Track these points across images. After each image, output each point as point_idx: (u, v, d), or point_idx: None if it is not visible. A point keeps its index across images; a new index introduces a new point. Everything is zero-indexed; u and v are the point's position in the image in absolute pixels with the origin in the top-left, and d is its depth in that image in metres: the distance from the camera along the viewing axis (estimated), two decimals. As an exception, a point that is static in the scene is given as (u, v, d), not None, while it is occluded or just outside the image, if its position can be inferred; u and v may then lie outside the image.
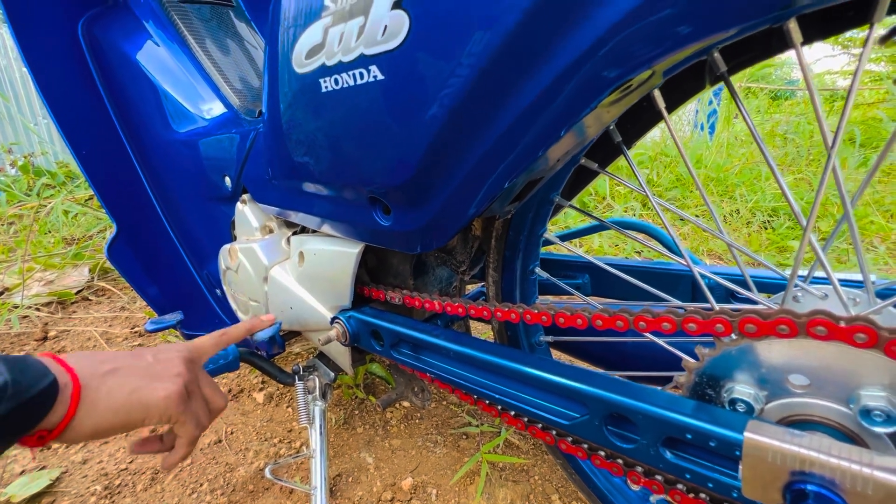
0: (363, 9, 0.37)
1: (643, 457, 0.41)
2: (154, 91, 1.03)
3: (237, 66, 1.05)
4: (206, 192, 1.00)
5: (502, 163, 0.39)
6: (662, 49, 0.31)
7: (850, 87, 0.36)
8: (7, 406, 0.35)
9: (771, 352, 0.37)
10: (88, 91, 1.09)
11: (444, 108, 0.36)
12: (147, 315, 1.43)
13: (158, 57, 1.03)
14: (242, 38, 1.11)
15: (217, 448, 0.90)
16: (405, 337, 0.63)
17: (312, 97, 0.46)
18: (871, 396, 0.33)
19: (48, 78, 1.03)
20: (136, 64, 1.03)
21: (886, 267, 1.65)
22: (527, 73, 0.33)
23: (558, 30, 0.30)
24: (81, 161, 1.04)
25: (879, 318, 0.41)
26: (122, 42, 1.06)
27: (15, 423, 0.36)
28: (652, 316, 0.42)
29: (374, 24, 0.37)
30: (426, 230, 0.49)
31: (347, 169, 0.49)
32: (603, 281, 0.80)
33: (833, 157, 0.39)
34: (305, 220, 0.71)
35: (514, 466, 0.84)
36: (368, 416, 0.98)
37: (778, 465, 0.32)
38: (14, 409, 0.35)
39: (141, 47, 1.04)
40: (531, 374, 0.48)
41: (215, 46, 1.05)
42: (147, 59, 1.03)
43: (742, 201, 2.50)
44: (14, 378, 0.36)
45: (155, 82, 1.02)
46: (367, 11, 0.37)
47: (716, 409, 0.37)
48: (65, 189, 2.68)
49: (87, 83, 1.08)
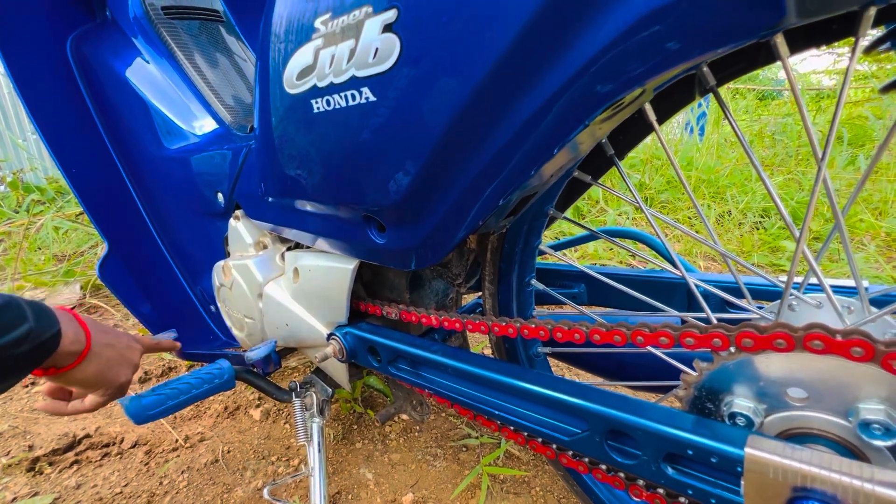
0: (354, 32, 0.37)
1: (644, 472, 0.41)
2: (144, 108, 1.02)
3: (228, 81, 1.05)
4: (198, 209, 0.99)
5: (496, 181, 0.39)
6: (653, 68, 0.31)
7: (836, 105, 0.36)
8: (27, 347, 0.45)
9: (769, 365, 0.37)
10: (77, 109, 1.08)
11: (437, 129, 0.36)
12: (141, 333, 1.41)
13: (148, 74, 1.02)
14: (233, 53, 1.10)
15: (214, 468, 0.88)
16: (403, 353, 0.62)
17: (304, 117, 0.46)
18: (869, 409, 0.33)
19: (36, 96, 1.02)
20: (126, 81, 1.03)
21: (877, 265, 1.67)
22: (519, 95, 0.33)
23: (550, 52, 0.30)
24: (71, 179, 1.04)
25: (874, 326, 0.42)
26: (111, 59, 1.06)
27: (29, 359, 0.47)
28: (649, 330, 0.42)
29: (365, 46, 0.37)
30: (421, 247, 0.49)
31: (341, 188, 0.49)
32: (599, 290, 0.80)
33: (822, 169, 0.39)
34: (299, 236, 0.71)
35: (515, 478, 0.84)
36: (367, 431, 0.97)
37: (780, 481, 0.32)
38: (31, 349, 0.46)
39: (130, 64, 1.04)
40: (531, 391, 0.48)
41: (205, 62, 1.04)
42: (137, 76, 1.03)
43: (734, 202, 2.52)
44: (36, 324, 0.46)
45: (145, 99, 1.01)
46: (358, 34, 0.37)
47: (716, 424, 0.37)
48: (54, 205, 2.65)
49: (76, 101, 1.08)
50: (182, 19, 1.06)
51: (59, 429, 1.00)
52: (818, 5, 0.28)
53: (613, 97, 0.33)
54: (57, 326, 0.49)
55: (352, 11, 0.36)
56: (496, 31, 0.31)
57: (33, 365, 0.48)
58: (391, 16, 0.34)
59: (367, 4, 0.35)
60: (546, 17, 0.29)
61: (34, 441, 0.96)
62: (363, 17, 0.36)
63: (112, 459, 0.91)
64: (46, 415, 1.06)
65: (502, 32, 0.31)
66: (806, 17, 0.29)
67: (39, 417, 1.05)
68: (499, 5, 0.30)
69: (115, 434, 0.98)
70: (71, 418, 1.05)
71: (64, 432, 0.97)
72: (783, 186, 2.73)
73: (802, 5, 0.28)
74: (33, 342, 0.46)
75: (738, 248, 2.22)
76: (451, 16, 0.32)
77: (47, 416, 1.06)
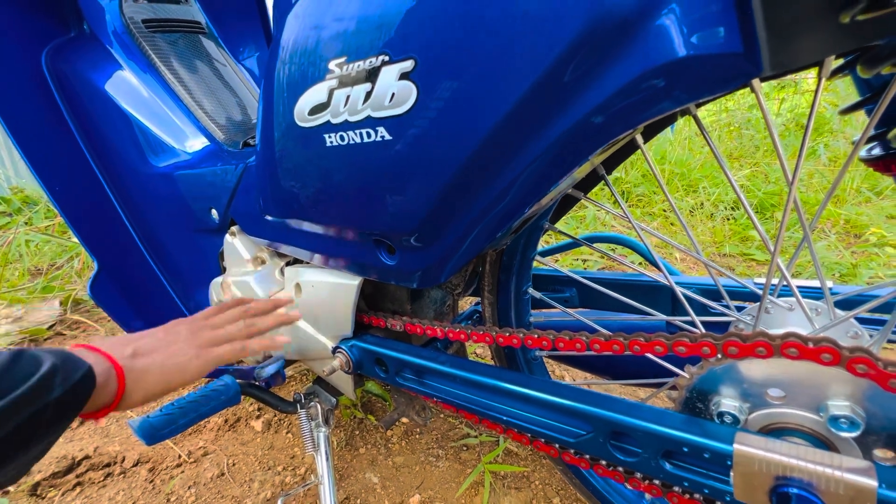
0: (369, 77, 0.39)
1: (644, 468, 0.45)
2: (128, 124, 1.01)
3: (214, 95, 1.04)
4: (190, 225, 0.99)
5: (504, 211, 0.43)
6: (650, 113, 0.35)
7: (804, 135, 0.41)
8: (60, 390, 0.42)
9: (751, 369, 0.42)
10: (56, 125, 1.05)
11: (452, 167, 0.39)
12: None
13: (131, 88, 1.01)
14: (217, 66, 1.10)
15: (221, 481, 0.90)
16: (409, 364, 0.65)
17: (317, 150, 0.48)
18: (836, 406, 0.38)
19: (13, 112, 1.00)
20: (107, 96, 1.01)
21: (837, 253, 1.78)
22: (529, 139, 0.36)
23: (558, 101, 0.34)
24: (55, 198, 1.02)
25: (840, 328, 0.47)
26: (90, 74, 1.03)
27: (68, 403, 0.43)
28: (645, 340, 0.46)
29: (382, 90, 0.39)
30: (430, 268, 0.52)
31: (354, 215, 0.51)
32: (589, 293, 0.84)
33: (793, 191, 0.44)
34: (299, 253, 0.73)
35: (516, 474, 0.88)
36: (369, 436, 1.00)
37: (764, 472, 0.37)
38: (66, 392, 0.42)
39: (111, 79, 1.02)
40: (537, 397, 0.51)
41: (190, 76, 1.03)
42: (119, 91, 1.01)
43: (706, 194, 2.63)
44: (61, 366, 0.43)
45: (129, 115, 1.00)
46: (374, 79, 0.39)
47: (707, 423, 0.42)
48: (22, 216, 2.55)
49: (55, 117, 1.05)
50: (164, 32, 1.05)
51: (55, 451, 0.99)
52: (790, 61, 0.32)
53: (614, 136, 0.37)
54: (86, 365, 0.46)
55: (368, 58, 0.39)
56: (510, 84, 0.34)
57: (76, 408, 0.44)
58: (408, 65, 0.37)
59: (384, 53, 0.38)
60: (556, 73, 0.32)
61: (31, 465, 0.95)
62: (380, 63, 0.38)
63: (115, 479, 0.91)
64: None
65: (516, 86, 0.34)
66: (779, 70, 0.33)
67: (33, 440, 1.03)
68: (513, 63, 0.33)
69: (115, 453, 0.98)
70: (66, 439, 1.04)
71: (62, 454, 0.96)
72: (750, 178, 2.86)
73: (777, 62, 0.32)
74: (65, 385, 0.43)
75: (710, 238, 2.32)
76: (467, 68, 0.35)
77: (41, 439, 1.04)
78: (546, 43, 0.32)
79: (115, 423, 1.09)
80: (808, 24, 0.30)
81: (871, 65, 0.27)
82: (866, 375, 0.35)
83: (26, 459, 0.42)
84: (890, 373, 0.34)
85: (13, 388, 0.39)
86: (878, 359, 0.35)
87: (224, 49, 1.16)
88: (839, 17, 0.27)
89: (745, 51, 0.31)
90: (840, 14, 0.27)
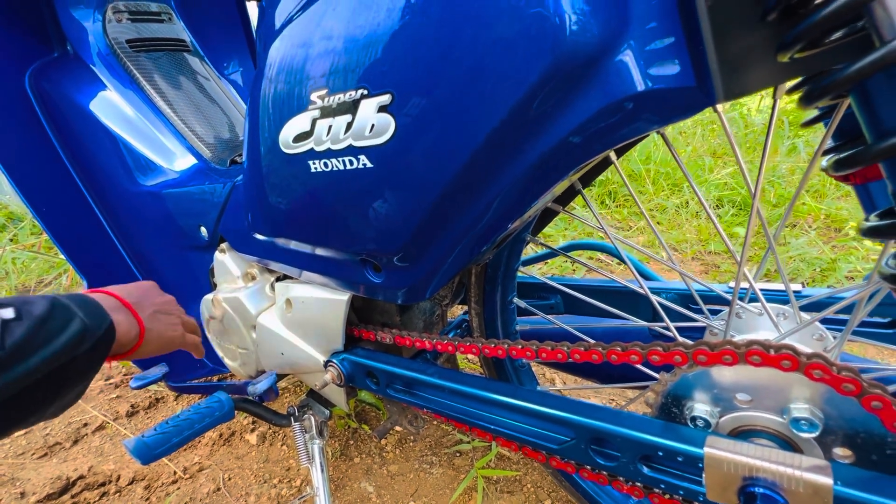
0: (350, 109, 0.41)
1: (624, 472, 0.47)
2: (115, 143, 1.01)
3: (201, 112, 1.05)
4: (179, 243, 1.00)
5: (485, 229, 0.45)
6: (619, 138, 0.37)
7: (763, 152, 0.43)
8: (87, 346, 0.46)
9: (720, 375, 0.44)
10: (42, 146, 1.06)
11: (430, 194, 0.41)
12: (122, 364, 1.39)
13: (117, 109, 1.02)
14: (202, 84, 1.11)
15: (217, 496, 0.91)
16: (400, 376, 0.67)
17: (302, 176, 0.50)
18: (797, 408, 0.40)
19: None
20: (93, 116, 1.02)
21: (818, 250, 1.83)
22: (501, 167, 0.38)
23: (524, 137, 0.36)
24: (42, 218, 1.02)
25: (806, 331, 0.50)
26: (75, 94, 1.04)
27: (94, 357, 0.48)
28: (622, 349, 0.48)
29: (362, 121, 0.41)
30: (415, 285, 0.54)
31: (340, 237, 0.53)
32: (573, 300, 0.87)
33: (756, 203, 0.47)
34: (289, 270, 0.74)
35: (508, 478, 0.90)
36: (363, 445, 1.02)
37: (733, 473, 0.39)
38: (91, 347, 0.47)
39: (96, 99, 1.03)
40: (523, 407, 0.53)
41: (176, 94, 1.04)
42: (104, 111, 1.02)
43: (691, 193, 2.67)
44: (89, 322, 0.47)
45: (115, 134, 1.01)
46: (355, 111, 0.41)
47: (680, 428, 0.44)
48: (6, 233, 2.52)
49: (40, 138, 1.05)
50: (148, 51, 1.05)
51: (49, 472, 0.99)
52: (741, 90, 0.34)
53: (583, 161, 0.39)
54: (108, 319, 0.50)
55: (348, 91, 0.40)
56: (482, 118, 0.36)
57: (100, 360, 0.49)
58: (386, 99, 0.38)
59: (363, 87, 0.39)
60: (524, 108, 0.34)
61: (25, 487, 0.95)
62: (359, 97, 0.40)
63: (111, 498, 0.92)
64: (32, 459, 1.04)
65: (488, 120, 0.36)
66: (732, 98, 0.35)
67: (26, 462, 1.03)
68: (484, 99, 0.35)
69: (110, 472, 0.98)
70: (60, 459, 1.04)
71: (56, 475, 0.96)
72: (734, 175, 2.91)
73: (729, 91, 0.34)
74: (92, 340, 0.47)
75: (696, 236, 2.37)
76: (440, 103, 0.37)
77: (34, 460, 1.04)
78: (514, 81, 0.34)
79: (110, 441, 1.09)
80: (756, 59, 0.32)
81: (806, 103, 0.30)
82: (822, 380, 0.37)
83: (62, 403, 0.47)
84: (843, 377, 0.36)
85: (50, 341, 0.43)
86: (832, 364, 0.37)
87: (209, 65, 1.17)
88: (777, 57, 0.29)
89: (697, 84, 0.33)
90: (777, 55, 0.29)
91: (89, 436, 1.11)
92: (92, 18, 1.03)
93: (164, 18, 1.10)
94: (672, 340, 0.56)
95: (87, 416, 1.18)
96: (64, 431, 1.12)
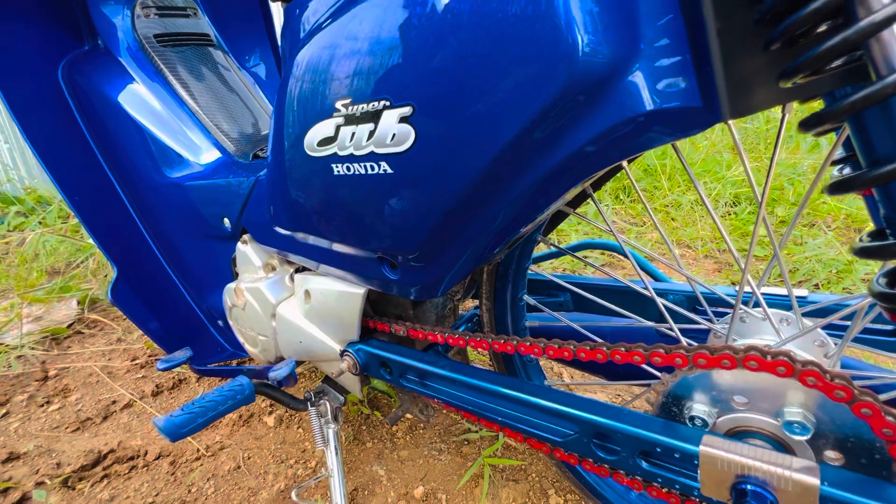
0: (372, 118, 0.44)
1: (623, 466, 0.50)
2: (142, 135, 1.05)
3: (224, 106, 1.08)
4: (203, 232, 1.04)
5: (497, 235, 0.47)
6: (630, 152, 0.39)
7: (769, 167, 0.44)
8: None
9: (719, 378, 0.46)
10: (74, 136, 1.10)
11: (447, 201, 0.43)
12: (147, 346, 1.46)
13: (144, 101, 1.05)
14: (226, 77, 1.14)
15: (237, 474, 0.96)
16: (412, 367, 0.70)
17: (325, 177, 0.53)
18: (791, 412, 0.42)
19: (33, 123, 1.04)
20: (122, 109, 1.06)
21: (835, 251, 1.81)
22: (517, 177, 0.40)
23: (539, 149, 0.38)
24: (76, 207, 1.07)
25: (806, 338, 0.51)
26: (105, 87, 1.08)
27: None
28: (626, 350, 0.50)
29: (384, 131, 0.43)
30: (429, 283, 0.57)
31: (359, 236, 0.56)
32: (582, 297, 0.89)
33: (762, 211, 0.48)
34: (307, 262, 0.77)
35: (514, 467, 0.94)
36: (375, 431, 1.06)
37: (726, 470, 0.42)
38: None
39: (125, 92, 1.06)
40: (530, 401, 0.56)
41: (201, 89, 1.08)
42: (133, 104, 1.06)
43: (707, 189, 2.64)
44: None
45: (143, 127, 1.05)
46: (377, 121, 0.43)
47: (678, 427, 0.46)
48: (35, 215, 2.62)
49: (73, 129, 1.10)
50: (174, 46, 1.09)
51: (82, 445, 1.06)
52: (747, 109, 0.36)
53: (594, 172, 0.41)
54: None
55: (371, 102, 0.43)
56: (498, 132, 0.38)
57: None
58: (407, 111, 0.41)
59: (385, 98, 0.42)
60: (539, 123, 0.37)
61: (60, 458, 1.01)
62: (381, 108, 0.42)
63: (139, 472, 0.98)
64: (66, 432, 1.11)
65: (504, 133, 0.38)
66: (738, 116, 0.37)
67: (61, 435, 1.10)
68: (501, 114, 0.37)
69: (138, 447, 1.04)
70: (92, 434, 1.10)
71: (89, 448, 1.03)
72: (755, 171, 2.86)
73: (735, 110, 0.36)
74: None
75: (711, 234, 2.35)
76: (459, 116, 0.39)
77: (67, 434, 1.11)
78: (529, 99, 0.36)
79: (137, 418, 1.15)
80: (761, 81, 0.34)
81: (804, 130, 0.31)
82: (815, 387, 0.39)
83: None
84: (835, 385, 0.38)
85: None
86: (826, 372, 0.39)
87: (232, 59, 1.20)
88: (779, 83, 0.31)
89: (703, 104, 0.35)
90: (779, 81, 0.31)
91: (118, 413, 1.18)
92: (121, 14, 1.06)
93: (189, 13, 1.13)
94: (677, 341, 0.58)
95: (115, 394, 1.24)
96: (95, 408, 1.19)
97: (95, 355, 1.45)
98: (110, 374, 1.34)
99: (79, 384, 1.31)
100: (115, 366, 1.38)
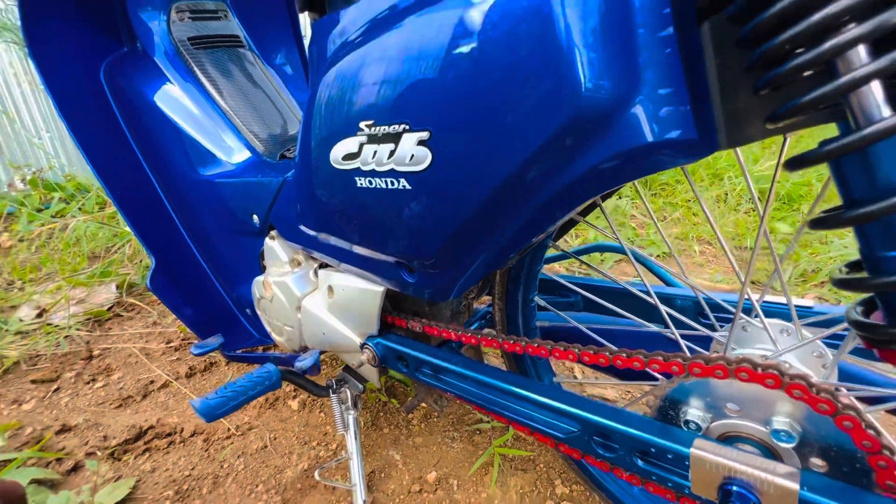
0: (393, 139, 0.47)
1: (621, 463, 0.54)
2: (178, 134, 1.12)
3: (254, 107, 1.14)
4: (234, 228, 1.11)
5: (510, 244, 0.51)
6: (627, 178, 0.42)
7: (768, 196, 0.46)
8: None
9: (713, 386, 0.49)
10: (115, 134, 1.17)
11: (462, 216, 0.47)
12: (180, 330, 1.55)
13: (179, 102, 1.11)
14: (255, 78, 1.19)
15: (265, 453, 1.04)
16: (427, 362, 0.75)
17: (348, 188, 0.57)
18: (778, 421, 0.45)
19: (77, 120, 1.11)
20: (158, 108, 1.12)
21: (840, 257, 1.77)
22: (529, 196, 0.44)
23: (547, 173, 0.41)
24: (117, 201, 1.14)
25: (805, 349, 0.54)
26: (144, 87, 1.14)
27: None
28: (627, 355, 0.54)
29: (403, 151, 0.47)
30: (444, 286, 0.61)
31: (379, 242, 0.60)
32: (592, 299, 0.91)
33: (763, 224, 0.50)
34: (332, 261, 0.82)
35: (523, 457, 0.98)
36: (392, 417, 1.12)
37: (714, 472, 0.45)
38: None
39: (161, 92, 1.13)
40: (537, 399, 0.60)
41: (232, 90, 1.13)
42: (168, 104, 1.12)
43: (731, 185, 2.59)
44: None
45: (178, 126, 1.11)
46: (397, 142, 0.47)
47: (673, 429, 0.50)
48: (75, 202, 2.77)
49: (114, 126, 1.17)
50: (207, 48, 1.14)
51: (125, 420, 1.15)
52: (742, 140, 0.38)
53: (605, 190, 0.44)
54: None
55: (392, 125, 0.47)
56: (509, 157, 0.41)
57: None
58: (425, 135, 0.44)
59: (405, 122, 0.45)
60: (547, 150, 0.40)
61: (107, 432, 1.11)
62: (401, 130, 0.46)
63: (177, 447, 1.06)
64: (110, 408, 1.21)
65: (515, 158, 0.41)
66: (735, 146, 0.39)
67: (106, 411, 1.20)
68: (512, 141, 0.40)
69: (175, 424, 1.13)
70: (133, 411, 1.20)
71: (131, 423, 1.12)
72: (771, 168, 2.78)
73: (732, 140, 0.38)
74: None
75: (733, 230, 2.31)
76: (473, 141, 0.42)
77: (111, 409, 1.21)
78: (537, 130, 0.39)
79: (173, 397, 1.24)
80: (756, 116, 0.36)
81: (790, 169, 0.33)
82: (801, 399, 0.42)
83: None
84: (820, 398, 0.41)
85: None
86: (812, 385, 0.42)
87: (261, 59, 1.25)
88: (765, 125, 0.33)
89: (699, 136, 0.37)
90: (766, 124, 0.33)
91: (155, 392, 1.27)
92: (158, 18, 1.12)
93: (220, 16, 1.18)
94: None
95: (152, 374, 1.34)
96: (135, 387, 1.29)
97: (134, 337, 1.56)
98: (148, 356, 1.44)
99: (120, 364, 1.41)
100: (151, 348, 1.48)
